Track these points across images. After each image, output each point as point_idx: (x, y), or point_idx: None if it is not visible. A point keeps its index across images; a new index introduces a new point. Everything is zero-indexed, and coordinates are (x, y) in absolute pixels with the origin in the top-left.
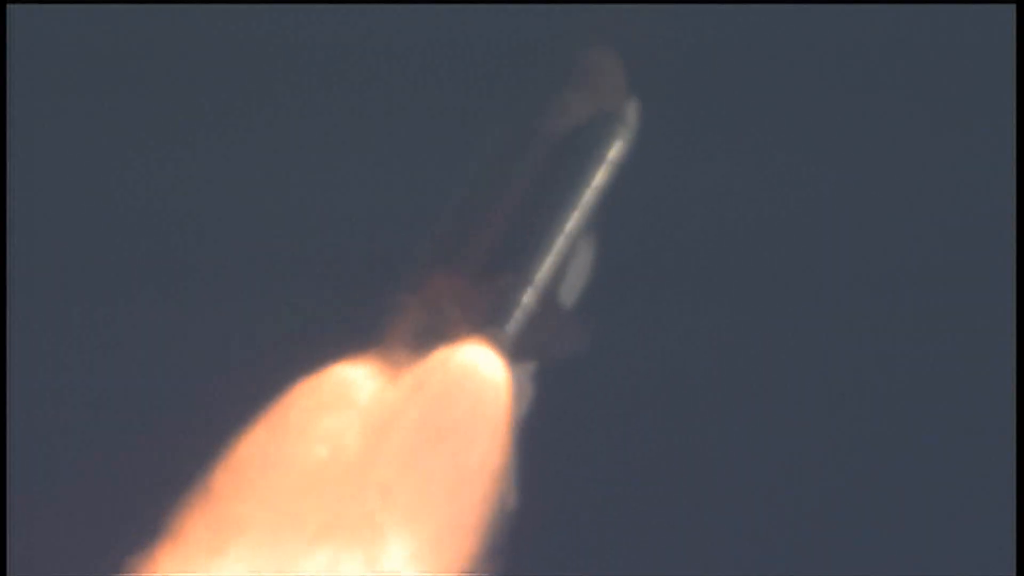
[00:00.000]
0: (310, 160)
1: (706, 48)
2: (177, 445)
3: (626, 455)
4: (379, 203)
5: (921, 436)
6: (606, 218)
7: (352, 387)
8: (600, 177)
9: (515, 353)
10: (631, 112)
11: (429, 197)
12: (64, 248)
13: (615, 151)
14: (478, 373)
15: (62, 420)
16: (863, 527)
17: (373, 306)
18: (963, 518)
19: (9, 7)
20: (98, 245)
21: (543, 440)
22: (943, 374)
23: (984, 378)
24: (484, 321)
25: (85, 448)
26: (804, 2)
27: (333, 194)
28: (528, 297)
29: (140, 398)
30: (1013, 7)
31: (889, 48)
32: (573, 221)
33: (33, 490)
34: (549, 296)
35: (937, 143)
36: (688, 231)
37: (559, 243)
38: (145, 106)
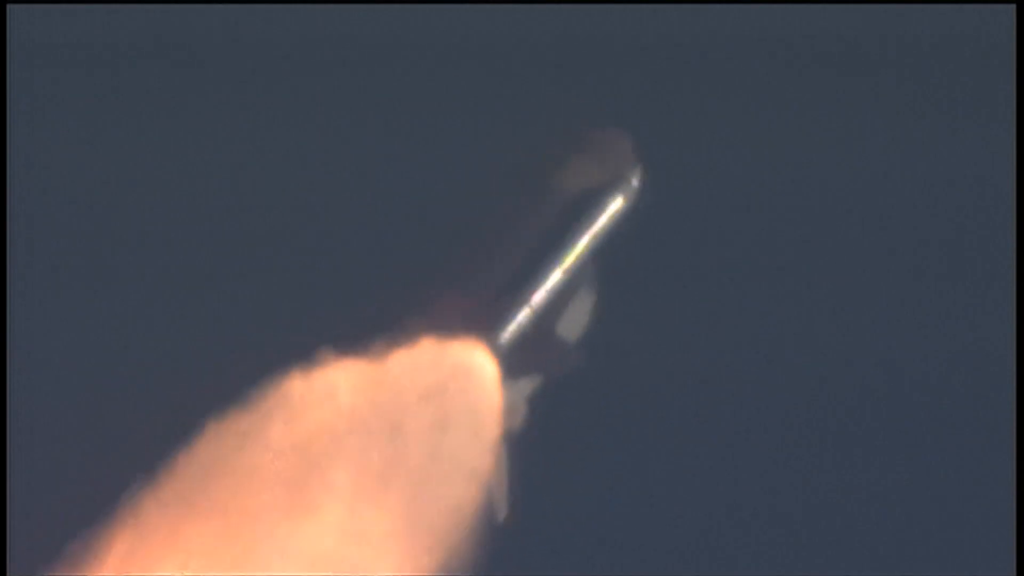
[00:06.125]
0: (339, 187)
1: (709, 120)
2: (152, 428)
3: (621, 475)
4: (397, 223)
5: (921, 436)
6: (609, 260)
7: (340, 379)
8: (601, 225)
9: (509, 364)
10: (635, 176)
11: (446, 228)
12: (55, 243)
13: (617, 205)
14: (468, 363)
15: (26, 408)
16: (863, 527)
17: (378, 315)
18: (963, 518)
19: (9, 7)
20: (93, 241)
21: (539, 456)
22: (943, 375)
23: (984, 378)
24: (480, 328)
25: (42, 435)
26: (799, 2)
27: (356, 211)
28: (525, 316)
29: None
30: (1013, 7)
31: (889, 48)
32: (573, 259)
33: None
34: (547, 323)
35: (937, 143)
36: (683, 273)
37: (558, 275)
38: (143, 106)
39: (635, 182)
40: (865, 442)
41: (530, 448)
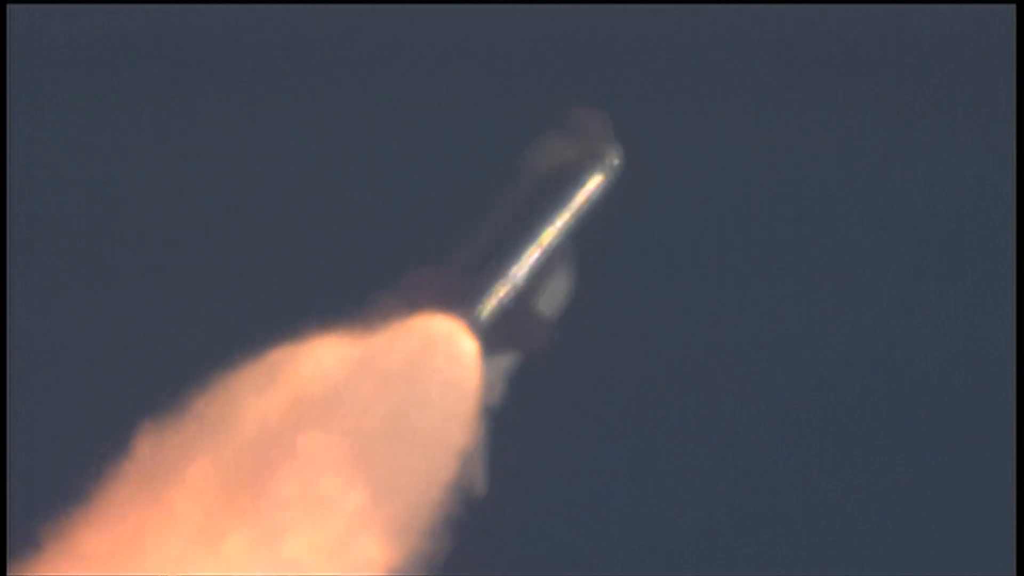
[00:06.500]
0: (315, 166)
1: (692, 102)
2: (135, 396)
3: (600, 451)
4: (374, 200)
5: (921, 436)
6: (589, 236)
7: (318, 355)
8: (579, 202)
9: (487, 339)
10: (614, 155)
11: (420, 203)
12: (55, 243)
13: (596, 182)
14: (447, 339)
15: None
16: (863, 527)
17: (353, 296)
18: (963, 518)
19: (9, 7)
20: (99, 240)
21: (517, 432)
22: (943, 375)
23: (984, 378)
24: (456, 302)
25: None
26: (801, 1)
27: (328, 191)
28: (502, 289)
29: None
30: (1013, 7)
31: (890, 48)
32: (550, 235)
33: None
34: (525, 297)
35: (937, 143)
36: (665, 251)
37: (537, 251)
38: (144, 106)
39: (615, 160)
40: (861, 438)
41: (509, 424)
